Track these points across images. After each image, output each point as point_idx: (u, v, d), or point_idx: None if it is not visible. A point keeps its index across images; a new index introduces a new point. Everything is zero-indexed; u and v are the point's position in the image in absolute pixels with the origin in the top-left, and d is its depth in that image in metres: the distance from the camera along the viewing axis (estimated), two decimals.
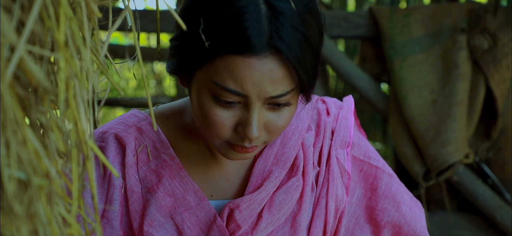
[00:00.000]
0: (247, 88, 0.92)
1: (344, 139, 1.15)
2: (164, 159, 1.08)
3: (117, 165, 1.08)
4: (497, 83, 2.29)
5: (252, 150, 1.00)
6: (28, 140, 0.59)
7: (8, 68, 0.57)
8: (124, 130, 1.09)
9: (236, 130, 0.96)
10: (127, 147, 1.08)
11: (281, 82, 0.92)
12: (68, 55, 0.64)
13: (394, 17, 2.43)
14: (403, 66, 2.37)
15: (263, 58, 0.90)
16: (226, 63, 0.91)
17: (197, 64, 0.95)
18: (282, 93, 0.93)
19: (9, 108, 0.58)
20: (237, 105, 0.95)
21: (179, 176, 1.08)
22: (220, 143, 0.99)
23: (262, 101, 0.94)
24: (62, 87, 0.65)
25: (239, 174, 1.12)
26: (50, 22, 0.63)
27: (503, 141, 2.34)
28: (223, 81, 0.92)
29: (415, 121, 2.32)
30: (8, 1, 0.64)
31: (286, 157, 1.10)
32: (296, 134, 1.12)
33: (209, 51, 0.92)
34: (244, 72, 0.91)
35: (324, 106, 1.18)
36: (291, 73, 0.92)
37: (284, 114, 0.97)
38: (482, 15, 2.31)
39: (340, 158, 1.14)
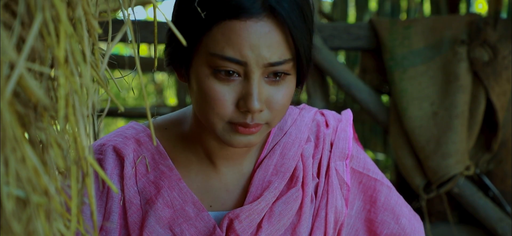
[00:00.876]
0: (245, 54, 0.93)
1: (343, 151, 1.16)
2: (163, 170, 1.09)
3: (116, 177, 1.08)
4: (498, 95, 2.29)
5: (255, 129, 0.99)
6: (27, 157, 0.59)
7: (7, 86, 0.57)
8: (122, 142, 1.10)
9: (237, 107, 0.97)
10: (125, 159, 1.08)
11: (278, 47, 0.94)
12: (68, 72, 0.64)
13: (394, 29, 2.43)
14: (403, 78, 2.37)
15: (259, 21, 0.93)
16: (223, 30, 0.93)
17: (195, 39, 0.97)
18: (279, 60, 0.95)
19: (9, 126, 0.58)
20: (237, 79, 0.96)
21: (178, 186, 1.08)
22: (223, 125, 0.99)
23: (261, 70, 0.95)
24: (62, 104, 0.65)
25: (239, 185, 1.12)
26: (50, 39, 0.63)
27: (503, 153, 2.34)
28: (221, 50, 0.94)
29: (416, 132, 2.31)
30: (8, 18, 0.64)
31: (286, 168, 1.10)
32: (295, 145, 1.12)
33: (205, 22, 0.94)
34: (241, 36, 0.93)
35: (323, 118, 1.18)
36: (288, 40, 0.95)
37: (283, 90, 0.98)
38: (482, 27, 2.31)
39: (339, 170, 1.15)
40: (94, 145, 1.12)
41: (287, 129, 1.14)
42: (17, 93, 0.63)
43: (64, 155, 0.66)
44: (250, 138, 1.00)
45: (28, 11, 0.64)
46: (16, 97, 0.62)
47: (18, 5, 0.64)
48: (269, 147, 1.13)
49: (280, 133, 1.14)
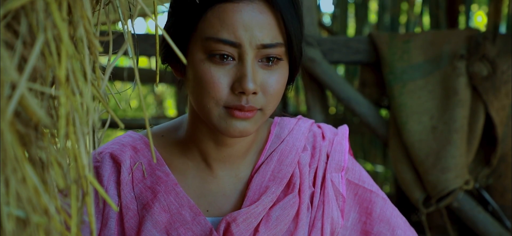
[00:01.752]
0: (239, 34, 0.98)
1: (339, 163, 1.18)
2: (159, 176, 1.10)
3: (113, 183, 1.10)
4: (497, 110, 2.29)
5: (250, 114, 1.01)
6: (27, 177, 0.60)
7: (9, 106, 0.57)
8: (119, 149, 1.12)
9: (232, 90, 1.00)
10: (122, 165, 1.10)
11: (270, 29, 0.99)
12: (69, 92, 0.65)
13: (393, 43, 2.44)
14: (402, 92, 2.38)
15: (251, 3, 0.98)
16: (217, 13, 0.98)
17: (191, 27, 1.01)
18: (271, 42, 0.99)
19: (9, 146, 0.58)
20: (231, 63, 1.00)
21: (175, 191, 1.09)
22: (219, 112, 1.01)
23: (254, 52, 0.99)
24: (63, 123, 0.65)
25: (236, 189, 1.13)
26: (51, 59, 0.63)
27: (503, 168, 2.34)
28: (216, 33, 0.98)
29: (415, 147, 2.31)
30: (10, 37, 0.64)
31: (283, 174, 1.12)
32: (292, 152, 1.14)
33: (200, 7, 0.99)
34: (235, 17, 0.97)
35: (319, 130, 1.21)
36: (279, 24, 1.00)
37: (276, 75, 1.02)
38: (481, 42, 2.32)
39: (335, 181, 1.17)
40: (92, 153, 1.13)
41: (284, 137, 1.16)
42: (18, 112, 0.63)
43: (64, 173, 0.66)
44: (245, 125, 1.02)
45: (30, 31, 0.65)
46: (17, 117, 0.62)
47: (20, 25, 0.64)
48: (267, 153, 1.15)
49: (278, 140, 1.16)
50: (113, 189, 1.10)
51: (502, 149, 2.32)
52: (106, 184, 1.10)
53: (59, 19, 0.62)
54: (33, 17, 0.63)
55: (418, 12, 4.90)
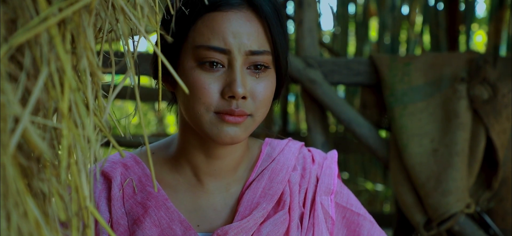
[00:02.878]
0: (229, 41, 1.02)
1: (328, 186, 1.21)
2: (150, 191, 1.12)
3: (103, 199, 1.12)
4: (498, 133, 2.29)
5: (241, 119, 1.04)
6: (29, 211, 0.60)
7: (12, 140, 0.57)
8: (109, 166, 1.15)
9: (223, 95, 1.03)
10: (113, 181, 1.13)
11: (257, 36, 1.04)
12: (71, 124, 0.65)
13: (394, 65, 2.45)
14: (403, 114, 2.38)
15: (239, 11, 1.03)
16: (207, 22, 1.03)
17: (181, 37, 1.05)
18: (259, 49, 1.04)
19: (11, 180, 0.58)
20: (221, 70, 1.03)
21: (165, 206, 1.11)
22: (210, 118, 1.04)
23: (243, 58, 1.03)
24: (65, 155, 0.65)
25: (227, 204, 1.15)
26: (54, 92, 0.64)
27: (504, 191, 2.33)
28: (207, 41, 1.02)
29: (416, 169, 2.31)
30: (14, 69, 0.64)
31: (274, 191, 1.14)
32: (283, 170, 1.17)
33: (190, 17, 1.03)
34: (224, 24, 1.02)
35: (309, 154, 1.25)
36: (266, 32, 1.05)
37: (264, 82, 1.06)
38: (481, 65, 2.32)
39: (324, 204, 1.19)
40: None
41: (275, 156, 1.20)
42: (20, 145, 0.63)
43: (66, 206, 0.66)
44: (236, 130, 1.05)
45: (33, 63, 0.65)
46: (19, 150, 0.63)
47: (24, 57, 0.65)
48: (258, 171, 1.18)
49: (269, 159, 1.19)
50: (104, 205, 1.12)
51: (503, 173, 2.32)
52: (97, 200, 1.12)
53: (62, 52, 0.63)
54: (37, 50, 0.64)
55: (418, 31, 4.92)
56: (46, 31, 0.62)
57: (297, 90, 4.91)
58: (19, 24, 0.62)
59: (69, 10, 0.62)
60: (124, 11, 0.74)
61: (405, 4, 4.85)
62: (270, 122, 4.24)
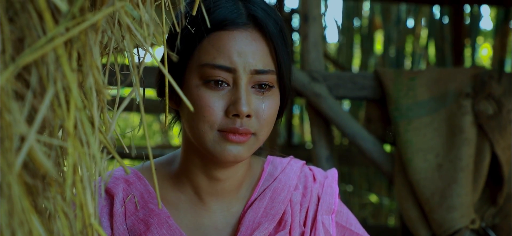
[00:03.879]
0: (234, 60, 1.03)
1: (329, 206, 1.21)
2: (152, 208, 1.12)
3: (105, 215, 1.12)
4: (503, 149, 2.28)
5: (244, 138, 1.04)
6: (34, 229, 0.60)
7: (17, 159, 0.58)
8: (112, 181, 1.14)
9: (227, 114, 1.03)
10: (115, 197, 1.12)
11: (262, 55, 1.05)
12: (76, 143, 0.65)
13: (399, 80, 2.45)
14: (408, 129, 2.38)
15: (245, 31, 1.04)
16: (213, 41, 1.04)
17: (187, 55, 1.06)
18: (264, 69, 1.04)
19: (17, 198, 0.58)
20: (226, 88, 1.04)
21: (167, 224, 1.10)
22: (213, 136, 1.04)
23: (248, 77, 1.03)
24: (70, 173, 0.65)
25: (228, 224, 1.14)
26: (60, 110, 0.64)
27: (509, 207, 2.32)
28: (213, 60, 1.03)
29: (421, 184, 2.31)
30: (20, 87, 0.65)
31: (275, 211, 1.14)
32: (285, 189, 1.17)
33: (196, 36, 1.04)
34: (230, 44, 1.03)
35: (310, 172, 1.24)
36: (271, 52, 1.06)
37: (269, 102, 1.06)
38: (486, 81, 2.32)
39: (325, 223, 1.19)
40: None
41: (277, 175, 1.19)
42: (25, 163, 0.63)
43: (71, 224, 0.66)
44: (239, 149, 1.04)
45: (40, 81, 0.65)
46: (25, 168, 0.63)
47: (30, 75, 0.65)
48: (260, 190, 1.17)
49: (270, 178, 1.19)
50: (105, 221, 1.12)
51: (508, 188, 2.31)
52: (99, 216, 1.12)
53: (69, 72, 0.63)
54: (43, 69, 0.64)
55: (423, 44, 4.93)
56: (53, 50, 0.62)
57: (302, 102, 4.92)
58: (26, 43, 0.63)
59: (76, 29, 0.63)
60: (130, 29, 0.75)
61: (411, 17, 4.86)
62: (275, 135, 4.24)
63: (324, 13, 4.93)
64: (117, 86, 0.78)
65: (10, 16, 0.62)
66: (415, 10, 4.82)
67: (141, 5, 0.72)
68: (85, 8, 0.64)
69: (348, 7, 4.78)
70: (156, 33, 0.79)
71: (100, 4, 0.71)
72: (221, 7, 1.05)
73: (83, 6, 0.63)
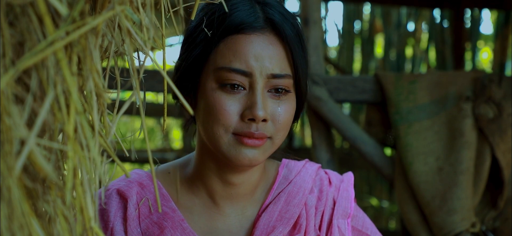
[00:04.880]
0: (251, 64, 1.02)
1: (345, 210, 1.19)
2: (166, 211, 1.12)
3: (119, 219, 1.11)
4: (503, 152, 2.28)
5: (259, 142, 1.03)
6: (34, 233, 0.60)
7: (17, 163, 0.58)
8: (125, 185, 1.14)
9: (242, 118, 1.02)
10: (129, 200, 1.12)
11: (279, 60, 1.04)
12: (76, 146, 0.65)
13: (399, 83, 2.45)
14: (408, 132, 2.38)
15: (262, 34, 1.03)
16: (229, 45, 1.03)
17: (203, 58, 1.05)
18: (280, 73, 1.03)
19: (17, 202, 0.59)
20: (242, 92, 1.03)
21: (181, 227, 1.10)
22: (228, 139, 1.03)
23: (264, 81, 1.03)
24: (70, 176, 0.66)
25: (242, 227, 1.14)
26: (60, 114, 0.64)
27: (509, 211, 2.32)
28: (229, 63, 1.02)
29: (421, 188, 2.30)
30: (20, 91, 0.65)
31: (290, 215, 1.13)
32: (300, 193, 1.16)
33: (213, 39, 1.03)
34: (246, 47, 1.02)
35: (326, 176, 1.23)
36: (288, 56, 1.05)
37: (285, 106, 1.05)
38: (487, 84, 2.32)
39: (341, 227, 1.18)
40: (100, 190, 1.15)
41: (292, 178, 1.18)
42: (25, 167, 0.63)
43: (71, 227, 0.66)
44: (254, 153, 1.04)
45: (40, 85, 0.65)
46: (25, 172, 0.63)
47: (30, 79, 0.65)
48: (274, 193, 1.16)
49: (285, 182, 1.18)
50: (119, 225, 1.11)
51: (508, 192, 2.31)
52: (113, 219, 1.11)
53: (69, 75, 0.63)
54: (43, 72, 0.64)
55: (424, 47, 4.93)
56: (53, 54, 0.62)
57: None
58: (27, 47, 0.63)
59: (76, 33, 0.63)
60: (130, 33, 0.75)
61: (411, 21, 4.86)
62: None
63: (324, 17, 4.93)
64: (117, 90, 0.78)
65: (11, 20, 0.62)
66: (416, 14, 4.83)
67: (141, 9, 0.72)
68: (85, 12, 0.64)
69: (348, 10, 4.79)
70: (156, 37, 0.79)
71: (100, 8, 0.71)
72: (238, 10, 1.04)
73: (83, 10, 0.64)
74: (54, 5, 0.59)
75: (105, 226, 1.11)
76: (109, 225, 1.10)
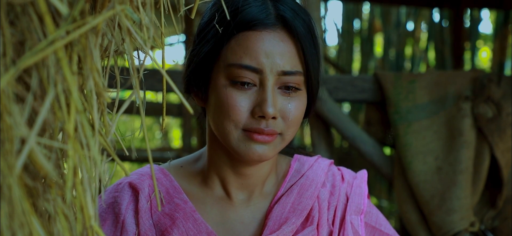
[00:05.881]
0: (261, 61, 1.02)
1: (358, 206, 1.20)
2: (177, 203, 1.12)
3: (131, 212, 1.13)
4: (502, 152, 2.29)
5: (269, 138, 1.04)
6: (34, 231, 0.60)
7: (18, 161, 0.58)
8: (137, 178, 1.15)
9: (252, 115, 1.03)
10: (140, 193, 1.13)
11: (290, 57, 1.04)
12: (77, 145, 0.65)
13: (398, 83, 2.45)
14: (408, 132, 2.38)
15: (273, 31, 1.03)
16: (240, 41, 1.03)
17: (214, 54, 1.05)
18: (291, 70, 1.03)
19: (17, 200, 0.59)
20: (252, 88, 1.04)
21: (193, 218, 1.11)
22: (238, 134, 1.04)
23: (275, 78, 1.03)
24: (70, 175, 0.66)
25: (254, 218, 1.15)
26: (61, 113, 0.64)
27: (508, 210, 2.33)
28: (239, 60, 1.02)
29: (420, 187, 2.31)
30: (21, 90, 0.65)
31: (303, 206, 1.14)
32: (312, 186, 1.16)
33: (224, 36, 1.03)
34: (257, 44, 1.02)
35: (339, 172, 1.24)
36: (299, 53, 1.05)
37: (295, 102, 1.05)
38: (486, 84, 2.33)
39: (354, 224, 1.18)
40: (112, 185, 1.18)
41: (304, 172, 1.19)
42: (26, 165, 0.64)
43: (71, 226, 0.66)
44: (264, 149, 1.05)
45: (40, 84, 0.66)
46: (25, 170, 0.63)
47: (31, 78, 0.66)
48: (287, 186, 1.17)
49: (297, 175, 1.19)
50: (131, 217, 1.12)
51: (507, 191, 2.31)
52: (124, 212, 1.12)
53: (69, 74, 0.63)
54: (44, 71, 0.65)
55: (423, 47, 4.93)
56: (53, 53, 0.63)
57: None
58: (27, 46, 0.63)
59: (77, 33, 0.63)
60: (130, 32, 0.75)
61: (410, 20, 4.86)
62: None
63: (324, 16, 4.93)
64: (117, 89, 0.78)
65: (11, 19, 0.62)
66: (415, 13, 4.83)
67: (141, 8, 0.72)
68: (86, 11, 0.65)
69: (348, 10, 4.79)
70: (156, 36, 0.79)
71: (101, 7, 0.71)
72: (250, 6, 1.04)
73: (83, 9, 0.64)
74: (54, 4, 0.60)
75: (117, 219, 1.12)
76: (120, 218, 1.11)
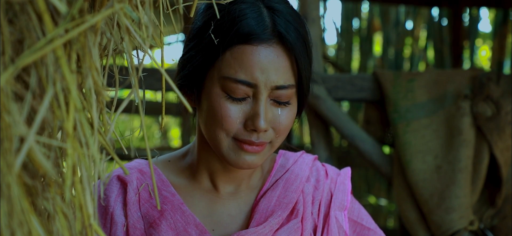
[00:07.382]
0: (256, 76, 1.02)
1: (342, 203, 1.22)
2: (166, 196, 1.14)
3: (119, 204, 1.14)
4: (501, 150, 2.29)
5: (259, 148, 1.06)
6: (33, 230, 0.60)
7: (17, 160, 0.58)
8: None
9: (245, 126, 1.04)
10: (128, 185, 1.14)
11: (284, 72, 1.03)
12: (76, 144, 0.65)
13: (398, 82, 2.46)
14: (407, 130, 2.38)
15: (269, 46, 1.03)
16: (236, 55, 1.02)
17: (209, 63, 1.05)
18: (284, 84, 1.04)
19: (16, 199, 0.59)
20: (246, 99, 1.04)
21: (181, 210, 1.12)
22: (228, 143, 1.05)
23: (268, 92, 1.03)
24: (69, 174, 0.66)
25: (241, 211, 1.17)
26: (60, 112, 0.64)
27: (507, 209, 2.33)
28: (234, 74, 1.02)
29: (419, 186, 2.31)
30: (20, 89, 0.65)
31: (288, 200, 1.16)
32: (297, 180, 1.19)
33: (219, 47, 1.03)
34: (253, 59, 1.02)
35: (323, 168, 1.26)
36: (293, 66, 1.05)
37: (286, 113, 1.07)
38: (485, 83, 2.33)
39: (338, 219, 1.20)
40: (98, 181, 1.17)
41: (289, 166, 1.21)
42: (25, 164, 0.64)
43: (70, 225, 0.66)
44: (254, 158, 1.07)
45: (39, 83, 0.66)
46: (24, 169, 0.63)
47: (29, 76, 0.66)
48: (272, 180, 1.19)
49: (282, 170, 1.21)
50: (119, 209, 1.13)
51: (507, 190, 2.31)
52: (113, 204, 1.13)
53: (68, 73, 0.63)
54: (42, 70, 0.65)
55: (422, 46, 4.93)
56: (52, 51, 0.63)
57: None
58: (26, 45, 0.63)
59: (75, 31, 0.63)
60: (129, 31, 0.75)
61: (409, 19, 4.87)
62: None
63: (323, 15, 4.93)
64: (116, 87, 0.78)
65: (10, 18, 0.62)
66: (414, 12, 4.83)
67: (140, 7, 0.72)
68: (84, 10, 0.65)
69: (347, 9, 4.79)
70: (155, 34, 0.79)
71: (99, 6, 0.71)
72: (246, 17, 1.03)
73: (82, 7, 0.64)
74: (53, 2, 0.59)
75: (105, 211, 1.13)
76: (109, 210, 1.13)
